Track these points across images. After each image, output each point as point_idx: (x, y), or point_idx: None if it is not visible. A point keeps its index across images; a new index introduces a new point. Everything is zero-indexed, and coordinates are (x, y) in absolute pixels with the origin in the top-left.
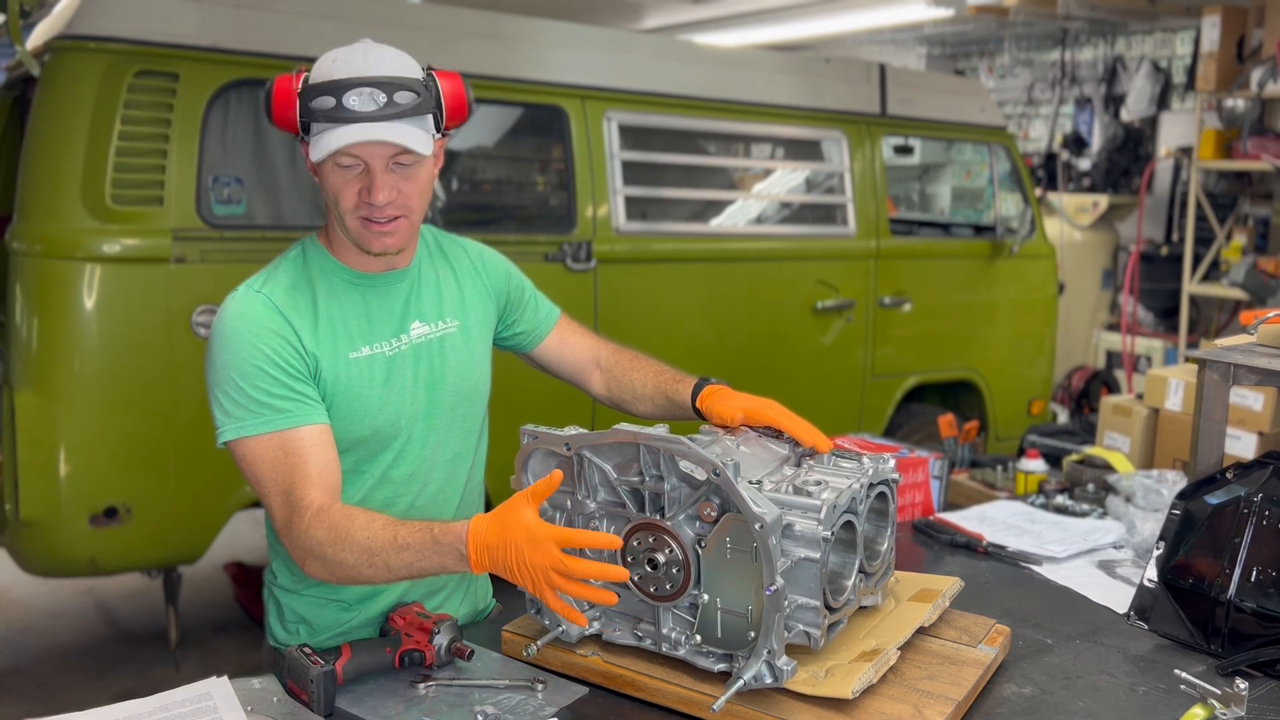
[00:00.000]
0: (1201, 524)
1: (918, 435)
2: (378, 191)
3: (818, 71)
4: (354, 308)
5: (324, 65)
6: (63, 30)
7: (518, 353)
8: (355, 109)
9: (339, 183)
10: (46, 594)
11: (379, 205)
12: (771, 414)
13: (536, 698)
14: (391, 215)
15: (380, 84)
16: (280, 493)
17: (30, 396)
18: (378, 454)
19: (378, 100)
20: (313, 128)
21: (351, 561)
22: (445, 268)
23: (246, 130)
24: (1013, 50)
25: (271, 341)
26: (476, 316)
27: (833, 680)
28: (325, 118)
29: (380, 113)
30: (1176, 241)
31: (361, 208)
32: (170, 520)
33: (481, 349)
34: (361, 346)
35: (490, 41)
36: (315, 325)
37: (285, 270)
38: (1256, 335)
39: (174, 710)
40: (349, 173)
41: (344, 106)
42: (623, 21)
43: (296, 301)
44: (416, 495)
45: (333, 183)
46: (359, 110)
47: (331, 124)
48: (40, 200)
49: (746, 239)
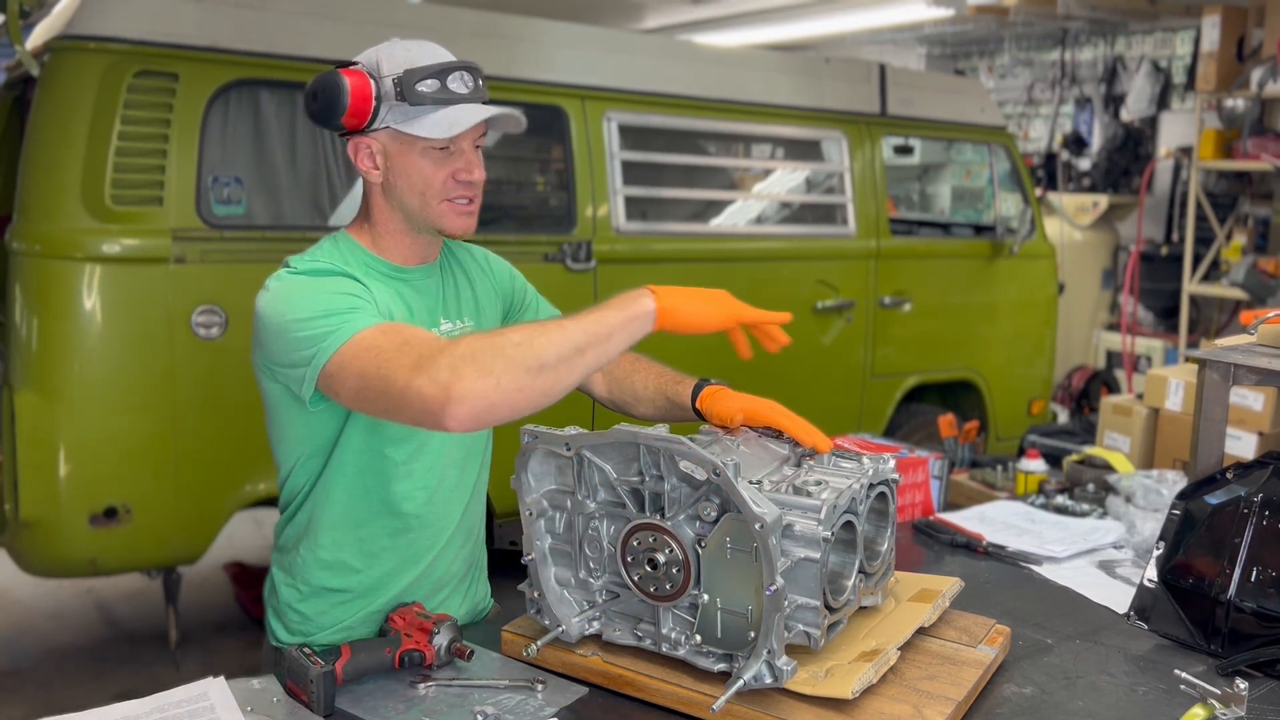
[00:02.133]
0: (1201, 524)
1: (918, 435)
2: (475, 169)
3: (818, 71)
4: (395, 299)
5: (398, 57)
6: (63, 30)
7: None
8: (458, 91)
9: (429, 167)
10: (46, 594)
11: (477, 182)
12: (771, 414)
13: (536, 698)
14: (474, 194)
15: (470, 69)
16: (396, 346)
17: (30, 396)
18: (402, 442)
19: (468, 84)
20: (409, 111)
21: (517, 339)
22: (459, 268)
23: (246, 130)
24: (1013, 50)
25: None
26: (487, 316)
27: (833, 680)
28: (432, 100)
29: (477, 94)
30: (1176, 241)
31: (454, 188)
32: (170, 520)
33: None
34: None
35: (490, 41)
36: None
37: (324, 253)
38: (1256, 335)
39: (170, 711)
40: (439, 155)
41: (448, 88)
42: (623, 21)
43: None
44: (435, 489)
45: (422, 168)
46: (461, 92)
47: (438, 106)
48: (40, 200)
49: (746, 239)
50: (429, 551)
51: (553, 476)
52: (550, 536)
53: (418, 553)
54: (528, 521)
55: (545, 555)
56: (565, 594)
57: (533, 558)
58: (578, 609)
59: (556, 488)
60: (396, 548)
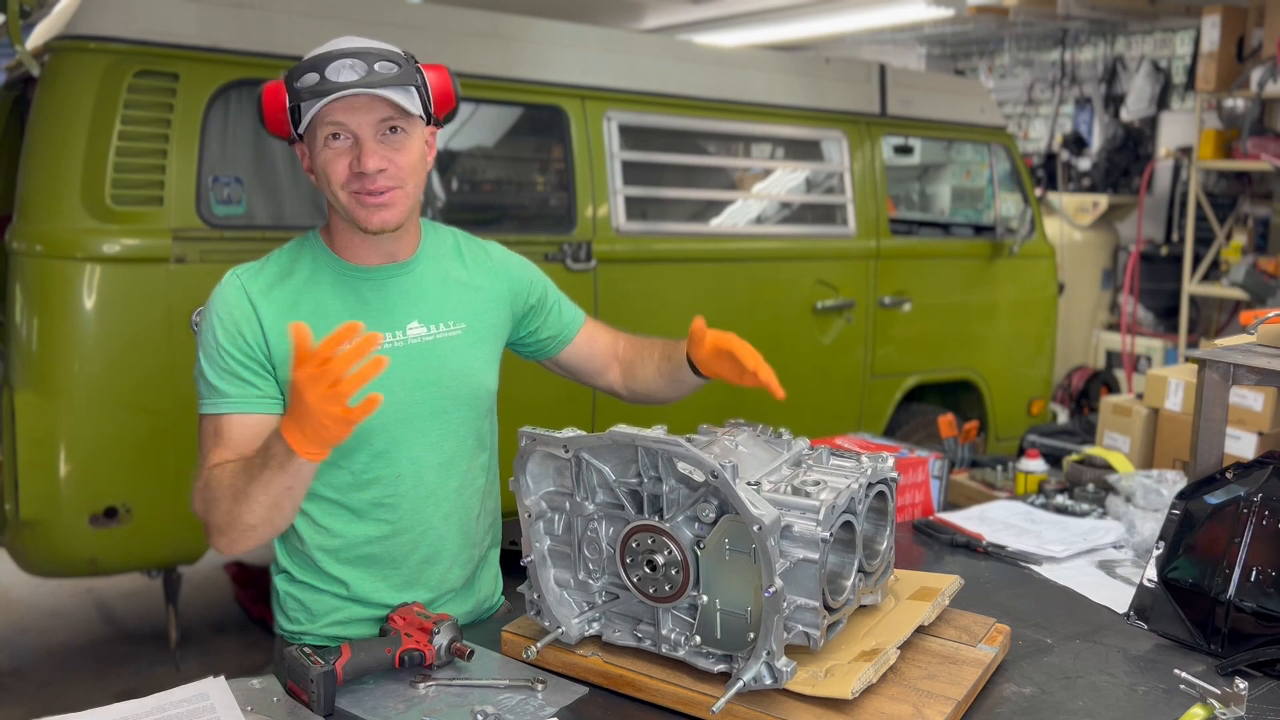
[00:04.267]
0: (1201, 524)
1: (918, 435)
2: (367, 158)
3: (818, 71)
4: (340, 300)
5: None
6: (63, 30)
7: (541, 359)
8: (339, 80)
9: (329, 157)
10: (46, 594)
11: (370, 173)
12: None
13: (536, 698)
14: (385, 186)
15: (360, 54)
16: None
17: (30, 396)
18: (355, 451)
19: (358, 70)
20: (301, 109)
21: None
22: (459, 268)
23: (246, 130)
24: (1013, 50)
25: (230, 326)
26: (488, 320)
27: (832, 680)
28: (310, 94)
29: (364, 80)
30: (1176, 241)
31: (353, 180)
32: (170, 520)
33: (488, 353)
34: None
35: (490, 41)
36: (288, 315)
37: (276, 260)
38: (1256, 335)
39: (171, 710)
40: (340, 146)
41: (327, 79)
42: (623, 21)
43: (275, 291)
44: (405, 495)
45: (323, 159)
46: (342, 80)
47: (317, 98)
48: (40, 200)
49: (746, 239)
50: (412, 553)
51: (551, 478)
52: (549, 538)
53: (398, 555)
54: (527, 523)
55: (544, 557)
56: (565, 595)
57: (532, 559)
58: (577, 610)
59: (555, 489)
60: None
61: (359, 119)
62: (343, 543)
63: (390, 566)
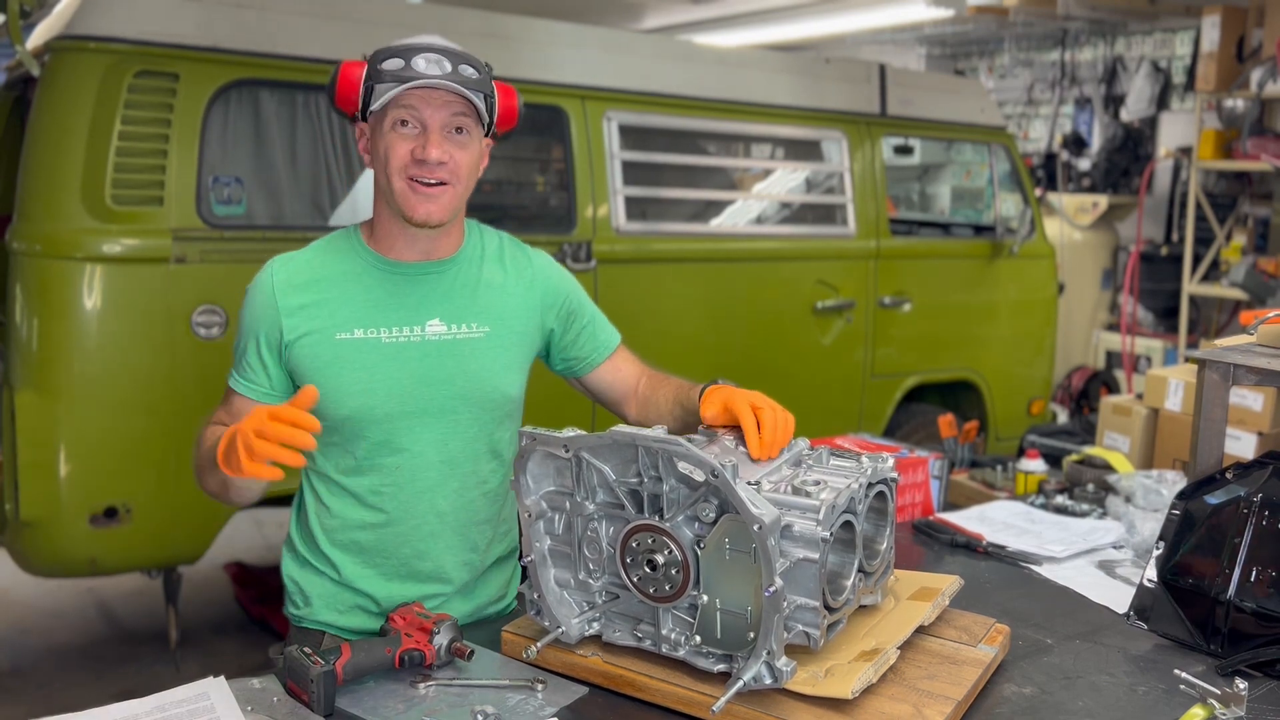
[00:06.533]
0: (1201, 524)
1: (918, 435)
2: (432, 147)
3: (818, 71)
4: (365, 291)
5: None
6: (63, 30)
7: (568, 377)
8: (422, 70)
9: (394, 140)
10: (46, 594)
11: (430, 162)
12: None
13: (536, 698)
14: (440, 178)
15: (446, 52)
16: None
17: (30, 396)
18: (357, 437)
19: (444, 67)
20: (377, 90)
21: (196, 466)
22: (497, 272)
23: (246, 130)
24: (1013, 50)
25: (257, 311)
26: (516, 326)
27: (832, 680)
28: (392, 78)
29: (446, 77)
30: (1176, 241)
31: (412, 166)
32: (170, 520)
33: (512, 359)
34: (354, 329)
35: (490, 41)
36: (309, 304)
37: (312, 248)
38: (1256, 335)
39: (171, 710)
40: (406, 133)
41: (411, 67)
42: (623, 21)
43: (300, 279)
44: (403, 487)
45: (388, 141)
46: (425, 72)
47: (398, 83)
48: (40, 200)
49: (746, 239)
50: (402, 546)
51: (551, 478)
52: (549, 538)
53: (388, 545)
54: (527, 523)
55: (545, 557)
56: (565, 595)
57: (532, 559)
58: (577, 610)
59: (555, 489)
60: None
61: (432, 111)
62: (339, 523)
63: (380, 555)
